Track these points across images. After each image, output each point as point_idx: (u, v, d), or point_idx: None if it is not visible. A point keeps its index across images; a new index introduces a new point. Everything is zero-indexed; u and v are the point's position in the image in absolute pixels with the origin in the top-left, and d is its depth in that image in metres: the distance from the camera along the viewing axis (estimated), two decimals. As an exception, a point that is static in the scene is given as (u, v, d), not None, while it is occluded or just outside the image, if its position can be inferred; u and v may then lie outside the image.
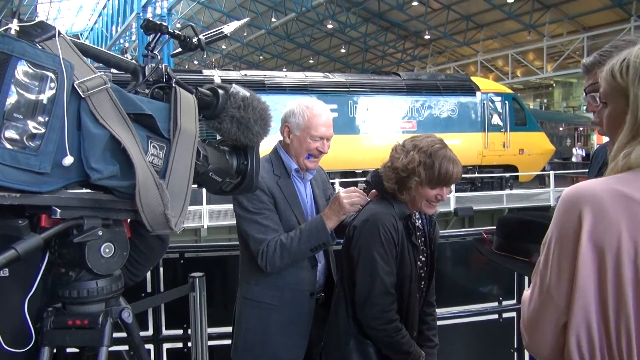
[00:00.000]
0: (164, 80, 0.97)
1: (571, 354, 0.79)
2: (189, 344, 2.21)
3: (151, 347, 2.37)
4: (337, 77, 12.60)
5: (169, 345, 2.43)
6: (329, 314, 1.76)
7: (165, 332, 2.39)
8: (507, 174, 12.98)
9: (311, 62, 30.58)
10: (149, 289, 2.36)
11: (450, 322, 2.58)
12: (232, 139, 1.06)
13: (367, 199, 1.73)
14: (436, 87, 12.67)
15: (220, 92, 1.03)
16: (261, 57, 31.17)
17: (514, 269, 2.44)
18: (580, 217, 0.78)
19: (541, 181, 15.02)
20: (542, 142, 13.55)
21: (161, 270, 2.38)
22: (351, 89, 12.03)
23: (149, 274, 2.33)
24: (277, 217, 1.75)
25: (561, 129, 21.47)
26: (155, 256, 1.25)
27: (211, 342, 2.15)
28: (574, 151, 19.74)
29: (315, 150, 1.78)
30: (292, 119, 1.79)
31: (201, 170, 1.00)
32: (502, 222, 1.73)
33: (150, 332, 2.36)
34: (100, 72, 0.85)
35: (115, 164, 0.85)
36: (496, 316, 2.71)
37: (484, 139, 12.65)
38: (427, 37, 24.79)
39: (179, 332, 2.40)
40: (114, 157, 0.85)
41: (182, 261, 2.41)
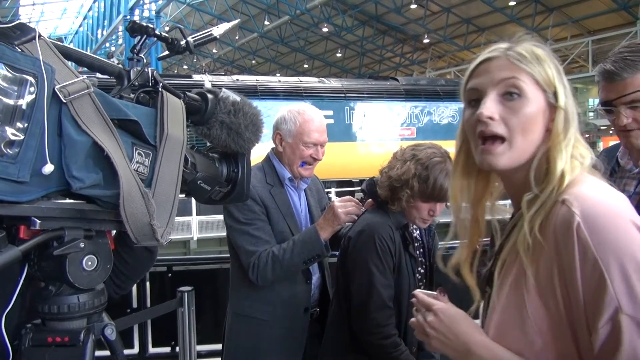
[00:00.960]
0: (151, 84, 0.94)
1: None
2: (177, 362, 2.14)
3: (137, 365, 2.29)
4: (333, 82, 12.32)
5: (156, 363, 2.36)
6: (325, 329, 1.71)
7: (152, 349, 2.33)
8: None
9: (306, 66, 29.99)
10: (135, 304, 2.30)
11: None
12: (222, 146, 1.02)
13: (362, 209, 1.69)
14: (436, 93, 12.35)
15: (209, 96, 0.99)
16: (254, 62, 30.60)
17: None
18: None
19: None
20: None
21: (148, 284, 2.33)
22: (347, 95, 11.75)
23: (135, 288, 2.26)
24: (270, 228, 1.70)
25: (566, 136, 21.50)
26: (142, 268, 1.21)
27: (200, 360, 2.09)
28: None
29: (309, 157, 1.73)
30: (283, 125, 1.75)
31: (189, 178, 0.96)
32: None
33: (136, 350, 2.29)
34: (83, 77, 0.81)
35: (98, 172, 0.81)
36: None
37: (485, 146, 12.71)
38: (426, 40, 24.27)
39: (167, 349, 2.33)
40: (97, 165, 0.81)
41: (170, 275, 2.36)
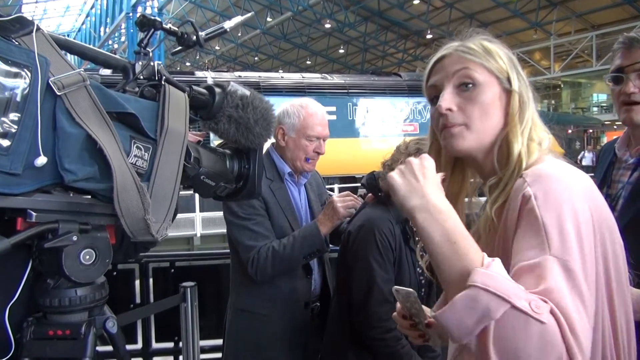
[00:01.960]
0: (156, 78, 0.92)
1: None
2: (180, 358, 2.15)
3: (140, 360, 2.30)
4: (336, 79, 12.28)
5: (159, 358, 2.37)
6: (326, 324, 1.70)
7: (155, 345, 2.33)
8: None
9: (308, 63, 29.93)
10: (138, 300, 2.30)
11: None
12: (231, 141, 1.01)
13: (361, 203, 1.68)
14: (439, 88, 12.48)
15: (217, 90, 0.98)
16: (256, 58, 30.55)
17: None
18: None
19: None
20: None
21: (151, 280, 2.32)
22: (350, 91, 11.67)
23: (137, 284, 2.26)
24: (269, 223, 1.69)
25: (570, 131, 20.59)
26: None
27: (203, 356, 2.10)
28: (584, 154, 18.92)
29: (312, 152, 1.73)
30: (286, 119, 1.74)
31: (191, 173, 0.94)
32: None
33: (139, 345, 2.29)
34: (79, 69, 0.81)
35: (92, 165, 0.81)
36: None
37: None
38: (429, 36, 24.16)
39: (170, 345, 2.33)
40: (92, 158, 0.80)
41: (172, 270, 2.36)
